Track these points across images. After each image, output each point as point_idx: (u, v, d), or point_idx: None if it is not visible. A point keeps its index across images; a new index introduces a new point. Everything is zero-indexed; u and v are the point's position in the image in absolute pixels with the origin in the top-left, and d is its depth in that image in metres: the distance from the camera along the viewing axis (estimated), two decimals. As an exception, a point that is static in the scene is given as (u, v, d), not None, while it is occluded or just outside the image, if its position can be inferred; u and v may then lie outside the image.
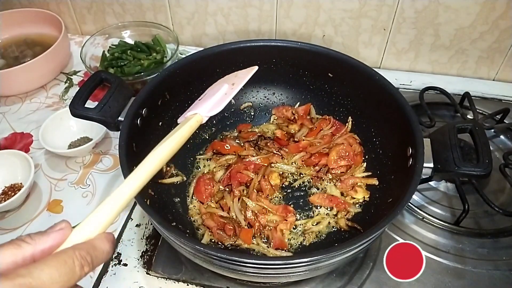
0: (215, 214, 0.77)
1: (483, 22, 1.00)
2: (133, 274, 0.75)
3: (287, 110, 0.94)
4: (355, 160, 0.85)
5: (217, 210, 0.78)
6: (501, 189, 0.87)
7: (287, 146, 0.89)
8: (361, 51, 1.13)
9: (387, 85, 0.78)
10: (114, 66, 1.09)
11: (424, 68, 1.14)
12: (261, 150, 0.89)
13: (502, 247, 0.78)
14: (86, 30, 1.29)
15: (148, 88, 0.78)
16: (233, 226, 0.76)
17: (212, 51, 0.86)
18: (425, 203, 0.86)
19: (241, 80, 0.74)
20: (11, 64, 1.11)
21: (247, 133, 0.93)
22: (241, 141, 0.91)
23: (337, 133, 0.89)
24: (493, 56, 1.07)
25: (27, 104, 1.09)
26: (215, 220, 0.77)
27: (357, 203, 0.81)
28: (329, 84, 0.91)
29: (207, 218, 0.77)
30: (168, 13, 1.17)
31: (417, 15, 1.02)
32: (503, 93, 1.08)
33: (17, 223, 0.84)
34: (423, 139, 0.68)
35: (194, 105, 0.71)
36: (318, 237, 0.77)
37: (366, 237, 0.58)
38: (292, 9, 1.08)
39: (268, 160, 0.87)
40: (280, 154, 0.88)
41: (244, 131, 0.94)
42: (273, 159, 0.87)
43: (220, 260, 0.57)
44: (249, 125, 0.96)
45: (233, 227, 0.76)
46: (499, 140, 0.96)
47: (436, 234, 0.80)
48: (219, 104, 0.69)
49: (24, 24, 1.20)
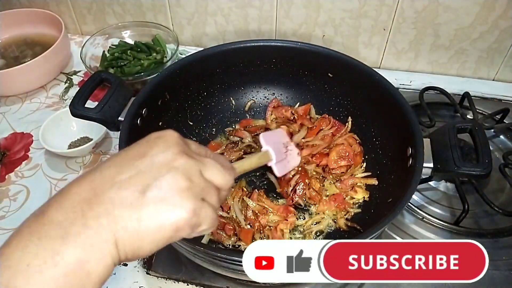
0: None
1: (483, 22, 1.00)
2: (133, 274, 0.75)
3: (286, 110, 0.94)
4: (355, 160, 0.85)
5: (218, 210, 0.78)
6: (501, 189, 0.87)
7: None
8: (361, 51, 1.13)
9: (387, 85, 0.78)
10: (114, 66, 1.09)
11: (424, 68, 1.14)
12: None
13: (502, 247, 0.78)
14: (86, 30, 1.29)
15: (148, 88, 0.78)
16: (233, 226, 0.76)
17: (212, 51, 0.86)
18: (425, 203, 0.86)
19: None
20: (11, 64, 1.11)
21: (254, 127, 0.94)
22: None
23: (337, 133, 0.89)
24: (493, 56, 1.07)
25: (27, 104, 1.09)
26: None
27: (356, 203, 0.81)
28: (329, 84, 0.91)
29: None
30: (168, 13, 1.17)
31: (417, 15, 1.02)
32: (503, 93, 1.08)
33: (17, 223, 0.84)
34: (423, 139, 0.68)
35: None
36: (318, 237, 0.77)
37: (366, 237, 0.58)
38: (292, 9, 1.08)
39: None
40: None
41: (250, 126, 0.95)
42: None
43: (220, 260, 0.57)
44: (251, 120, 0.96)
45: (233, 227, 0.76)
46: (499, 140, 0.96)
47: (436, 234, 0.80)
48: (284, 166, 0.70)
49: (24, 24, 1.20)
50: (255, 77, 0.95)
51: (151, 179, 0.38)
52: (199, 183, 0.41)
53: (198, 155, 0.43)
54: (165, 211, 0.37)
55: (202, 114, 0.93)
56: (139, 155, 0.40)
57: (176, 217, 0.38)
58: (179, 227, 0.38)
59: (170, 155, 0.40)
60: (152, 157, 0.40)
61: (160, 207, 0.37)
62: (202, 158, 0.43)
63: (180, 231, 0.38)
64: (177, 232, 0.38)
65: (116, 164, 0.40)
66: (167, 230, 0.38)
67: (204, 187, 0.41)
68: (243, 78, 0.94)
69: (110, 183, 0.38)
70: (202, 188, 0.41)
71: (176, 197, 0.38)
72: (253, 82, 0.96)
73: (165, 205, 0.37)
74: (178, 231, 0.38)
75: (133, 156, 0.40)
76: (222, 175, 0.44)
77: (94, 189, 0.37)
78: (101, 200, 0.37)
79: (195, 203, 0.39)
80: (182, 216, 0.38)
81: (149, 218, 0.37)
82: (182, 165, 0.40)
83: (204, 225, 0.40)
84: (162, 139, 0.42)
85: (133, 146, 0.42)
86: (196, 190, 0.40)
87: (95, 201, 0.37)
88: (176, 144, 0.41)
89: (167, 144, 0.41)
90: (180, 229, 0.38)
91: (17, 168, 0.95)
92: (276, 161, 0.66)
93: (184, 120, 0.91)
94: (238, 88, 0.96)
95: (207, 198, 0.41)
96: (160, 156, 0.40)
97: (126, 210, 0.37)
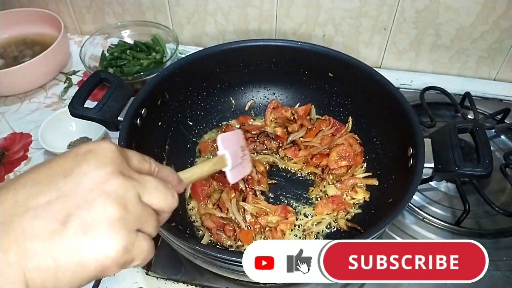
0: (214, 215, 0.77)
1: (483, 22, 1.00)
2: (133, 274, 0.75)
3: (286, 110, 0.94)
4: (356, 160, 0.85)
5: (216, 211, 0.78)
6: (502, 189, 0.87)
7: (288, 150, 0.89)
8: (361, 51, 1.13)
9: (387, 85, 0.78)
10: (114, 66, 1.08)
11: (425, 68, 1.13)
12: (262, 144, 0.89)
13: (502, 248, 0.78)
14: (85, 29, 1.29)
15: (147, 88, 0.77)
16: (233, 227, 0.76)
17: (212, 51, 0.86)
18: (425, 203, 0.85)
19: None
20: (10, 64, 1.11)
21: (250, 126, 0.93)
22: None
23: (337, 134, 0.89)
24: (494, 56, 1.06)
25: (27, 104, 1.09)
26: (215, 221, 0.76)
27: (357, 204, 0.81)
28: (329, 84, 0.91)
29: (206, 219, 0.77)
30: (168, 13, 1.17)
31: (417, 14, 1.01)
32: (503, 93, 1.07)
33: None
34: (423, 139, 0.67)
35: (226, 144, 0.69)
36: (318, 238, 0.77)
37: (366, 238, 0.58)
38: (292, 9, 1.07)
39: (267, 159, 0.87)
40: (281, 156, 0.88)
41: (247, 124, 0.94)
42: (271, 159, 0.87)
43: (220, 260, 0.57)
44: (249, 117, 0.96)
45: (233, 228, 0.76)
46: (499, 140, 0.96)
47: (436, 234, 0.80)
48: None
49: (23, 23, 1.20)
50: (255, 77, 0.94)
51: (75, 207, 0.32)
52: (135, 211, 0.34)
53: (138, 173, 0.37)
54: (89, 247, 0.32)
55: (202, 114, 0.93)
56: (63, 173, 0.33)
57: (103, 255, 0.32)
58: (105, 267, 0.32)
59: (101, 175, 0.33)
60: (79, 176, 0.33)
61: (83, 242, 0.31)
62: (143, 177, 0.37)
63: (106, 271, 0.33)
64: (103, 272, 0.33)
65: (34, 181, 0.33)
66: (90, 270, 0.32)
67: (140, 214, 0.35)
68: (243, 78, 0.94)
69: (24, 208, 0.31)
70: (138, 217, 0.35)
71: (104, 230, 0.32)
72: (253, 82, 0.96)
73: (89, 239, 0.32)
74: (104, 271, 0.33)
75: (56, 172, 0.34)
76: (164, 197, 0.38)
77: (3, 214, 0.31)
78: (11, 228, 0.30)
79: (127, 237, 0.33)
80: (109, 255, 0.32)
81: (68, 255, 0.31)
82: (115, 189, 0.33)
83: (137, 261, 0.35)
84: (94, 154, 0.35)
85: (58, 158, 0.35)
86: (130, 219, 0.34)
87: (3, 230, 0.30)
88: (110, 161, 0.35)
89: (100, 161, 0.34)
90: (106, 269, 0.33)
91: (16, 168, 0.94)
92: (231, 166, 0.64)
93: (184, 120, 0.90)
94: (238, 88, 0.96)
95: (143, 228, 0.35)
96: (90, 176, 0.33)
97: (40, 244, 0.31)
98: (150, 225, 0.36)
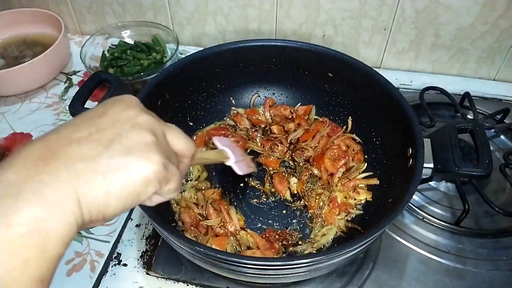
0: (192, 210, 0.77)
1: (483, 22, 1.00)
2: (133, 274, 0.75)
3: (285, 109, 0.94)
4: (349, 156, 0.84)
5: (193, 205, 0.77)
6: (502, 189, 0.87)
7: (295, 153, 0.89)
8: (361, 51, 1.13)
9: (387, 85, 0.78)
10: (114, 66, 1.09)
11: (425, 68, 1.13)
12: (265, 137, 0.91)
13: (502, 247, 0.78)
14: (86, 30, 1.29)
15: (147, 88, 0.78)
16: (206, 227, 0.75)
17: (212, 51, 0.86)
18: (425, 203, 0.85)
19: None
20: (10, 64, 1.11)
21: (257, 120, 0.94)
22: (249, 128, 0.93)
23: (333, 135, 0.89)
24: (494, 56, 1.06)
25: (27, 104, 1.09)
26: (191, 216, 0.76)
27: (359, 204, 0.81)
28: (329, 84, 0.91)
29: (184, 212, 0.77)
30: (168, 13, 1.17)
31: (417, 15, 1.01)
32: (503, 93, 1.07)
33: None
34: (423, 139, 0.68)
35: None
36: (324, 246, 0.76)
37: (366, 238, 0.58)
38: (292, 9, 1.07)
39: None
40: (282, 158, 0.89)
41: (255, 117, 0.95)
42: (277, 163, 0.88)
43: (220, 260, 0.57)
44: (256, 111, 0.96)
45: (206, 227, 0.75)
46: (499, 140, 0.96)
47: (436, 234, 0.80)
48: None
49: (23, 24, 1.20)
50: (255, 77, 0.95)
51: (114, 135, 0.36)
52: (164, 143, 0.39)
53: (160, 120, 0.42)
54: (134, 162, 0.35)
55: (202, 114, 0.93)
56: (98, 115, 0.37)
57: (146, 168, 0.35)
58: (148, 180, 0.36)
59: (132, 113, 0.38)
60: (113, 115, 0.37)
61: (128, 159, 0.35)
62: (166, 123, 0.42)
63: (149, 185, 0.36)
64: (147, 186, 0.36)
65: (72, 123, 0.37)
66: (136, 183, 0.35)
67: (167, 148, 0.39)
68: (243, 78, 0.94)
69: (68, 140, 0.34)
70: (166, 149, 0.39)
71: (144, 150, 0.36)
72: (253, 82, 0.96)
73: (133, 156, 0.35)
74: (148, 185, 0.36)
75: (92, 116, 0.37)
76: (185, 139, 0.42)
77: (49, 147, 0.34)
78: (59, 156, 0.33)
79: (163, 157, 0.37)
80: (152, 168, 0.36)
81: (116, 170, 0.34)
82: (147, 122, 0.38)
83: (172, 183, 0.39)
84: (121, 101, 0.40)
85: (89, 110, 0.39)
86: (161, 147, 0.38)
87: (51, 157, 0.33)
88: (137, 104, 0.40)
89: (128, 103, 0.39)
90: (149, 183, 0.36)
91: (16, 168, 0.94)
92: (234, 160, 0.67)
93: (184, 120, 0.91)
94: (238, 88, 0.96)
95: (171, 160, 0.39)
96: (122, 113, 0.38)
97: (89, 164, 0.33)
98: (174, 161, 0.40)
